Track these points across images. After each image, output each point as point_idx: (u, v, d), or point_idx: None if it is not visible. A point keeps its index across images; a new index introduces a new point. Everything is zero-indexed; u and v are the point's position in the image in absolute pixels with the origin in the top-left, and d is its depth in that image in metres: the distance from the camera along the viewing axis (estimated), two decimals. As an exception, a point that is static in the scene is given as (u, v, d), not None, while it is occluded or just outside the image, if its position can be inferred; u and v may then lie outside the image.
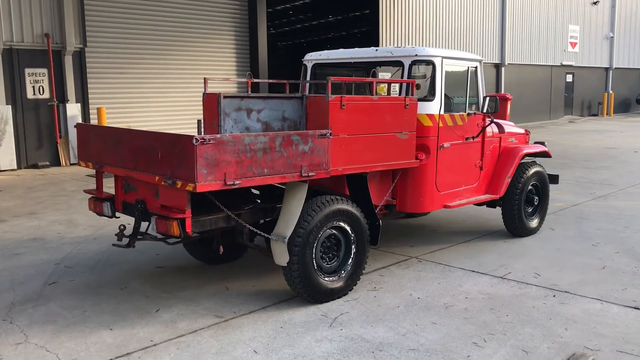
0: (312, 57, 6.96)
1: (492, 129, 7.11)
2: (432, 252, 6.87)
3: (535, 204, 7.56)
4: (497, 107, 6.36)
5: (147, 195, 4.95)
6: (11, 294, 5.56)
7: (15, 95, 13.66)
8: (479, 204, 7.23)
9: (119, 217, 5.50)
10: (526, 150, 7.38)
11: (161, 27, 16.33)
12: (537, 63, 29.30)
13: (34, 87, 13.99)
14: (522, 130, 7.87)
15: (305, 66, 7.01)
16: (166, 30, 16.47)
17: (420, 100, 6.00)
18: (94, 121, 14.81)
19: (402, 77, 6.09)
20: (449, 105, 6.44)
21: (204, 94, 6.23)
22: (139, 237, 5.08)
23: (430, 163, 6.12)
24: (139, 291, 5.64)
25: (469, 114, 6.52)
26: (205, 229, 4.86)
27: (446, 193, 6.41)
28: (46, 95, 14.13)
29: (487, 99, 6.40)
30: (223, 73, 17.63)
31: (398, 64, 6.16)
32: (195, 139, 4.16)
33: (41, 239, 7.51)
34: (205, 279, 5.97)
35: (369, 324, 4.84)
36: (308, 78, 7.01)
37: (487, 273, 6.12)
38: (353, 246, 5.45)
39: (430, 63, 6.08)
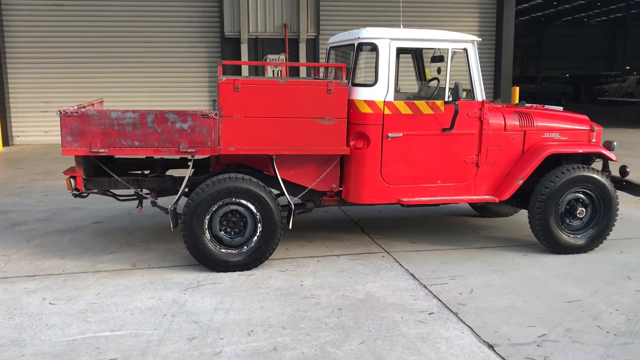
0: (329, 41, 7.01)
1: (502, 121, 6.05)
2: (416, 251, 6.32)
3: (580, 217, 6.10)
4: (458, 96, 5.47)
5: None
6: (60, 225, 7.40)
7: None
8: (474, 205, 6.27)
9: None
10: (558, 150, 6.01)
11: (392, 15, 16.95)
12: None
13: (273, 70, 16.29)
14: (581, 126, 6.34)
15: (327, 49, 7.10)
16: (398, 17, 17.01)
17: (357, 85, 5.66)
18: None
19: (352, 60, 5.81)
20: (421, 91, 5.83)
21: (218, 76, 7.04)
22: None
23: (370, 152, 5.71)
24: (132, 238, 6.84)
25: (446, 102, 5.76)
26: (104, 189, 5.79)
27: (401, 187, 5.85)
28: (282, 78, 16.33)
29: (457, 86, 5.55)
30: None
31: (353, 47, 5.87)
32: (59, 111, 5.14)
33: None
34: (187, 238, 6.83)
35: (212, 296, 5.10)
36: (328, 61, 7.09)
37: (420, 279, 5.48)
38: (259, 225, 5.64)
39: (373, 46, 5.63)
